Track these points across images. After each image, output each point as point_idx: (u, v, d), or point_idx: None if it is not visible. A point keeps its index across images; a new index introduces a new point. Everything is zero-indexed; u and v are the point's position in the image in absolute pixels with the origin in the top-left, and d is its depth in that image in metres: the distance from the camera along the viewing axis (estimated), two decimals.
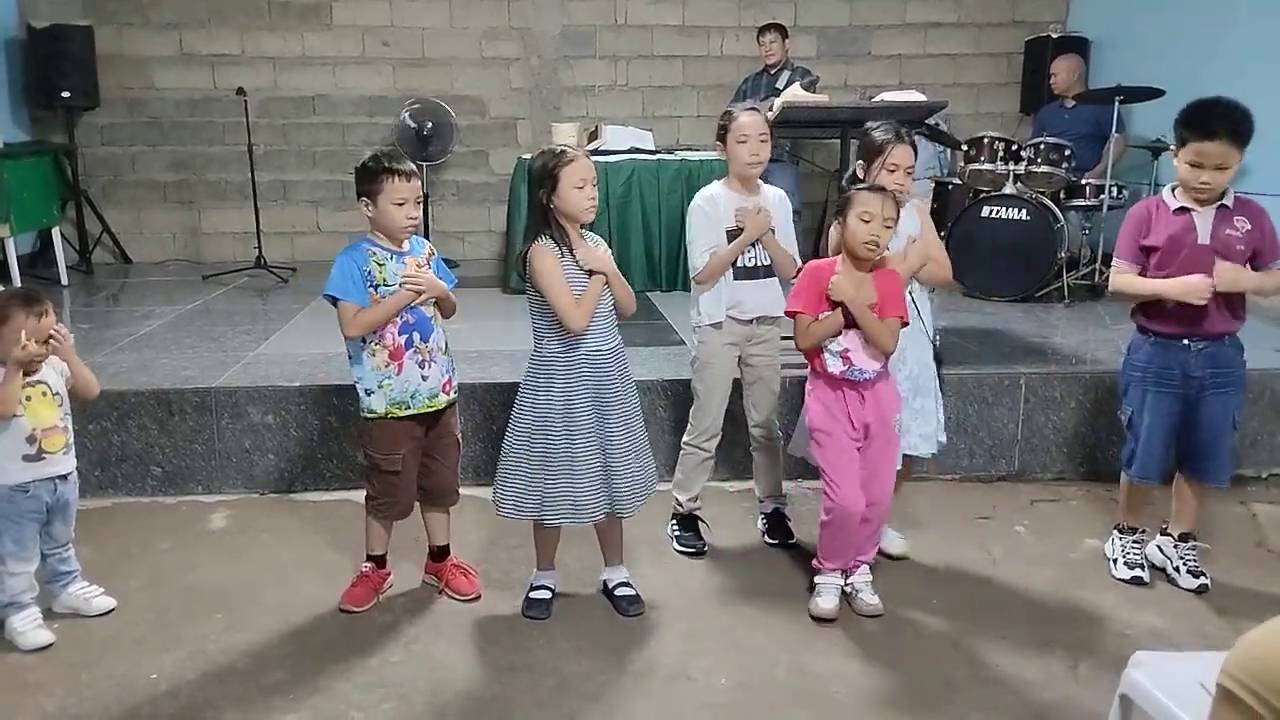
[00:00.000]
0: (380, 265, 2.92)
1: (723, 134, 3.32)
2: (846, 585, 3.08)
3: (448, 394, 3.06)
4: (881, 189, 2.94)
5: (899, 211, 2.95)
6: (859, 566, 3.08)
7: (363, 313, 2.89)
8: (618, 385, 2.94)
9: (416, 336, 2.95)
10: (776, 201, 3.37)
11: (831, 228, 3.04)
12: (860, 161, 3.20)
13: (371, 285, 2.90)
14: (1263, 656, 1.06)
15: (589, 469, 2.89)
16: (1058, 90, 6.66)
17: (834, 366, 2.94)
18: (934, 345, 3.31)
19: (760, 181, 3.38)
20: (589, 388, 2.89)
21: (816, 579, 3.07)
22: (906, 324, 3.00)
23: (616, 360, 2.96)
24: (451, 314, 3.11)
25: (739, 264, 3.32)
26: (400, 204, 2.89)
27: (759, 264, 3.33)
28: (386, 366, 2.93)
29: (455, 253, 7.40)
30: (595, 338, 2.90)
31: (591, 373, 2.89)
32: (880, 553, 3.37)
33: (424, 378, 2.97)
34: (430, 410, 3.01)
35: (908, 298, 3.08)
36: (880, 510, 3.06)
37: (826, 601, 3.02)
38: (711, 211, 3.31)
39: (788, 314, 3.06)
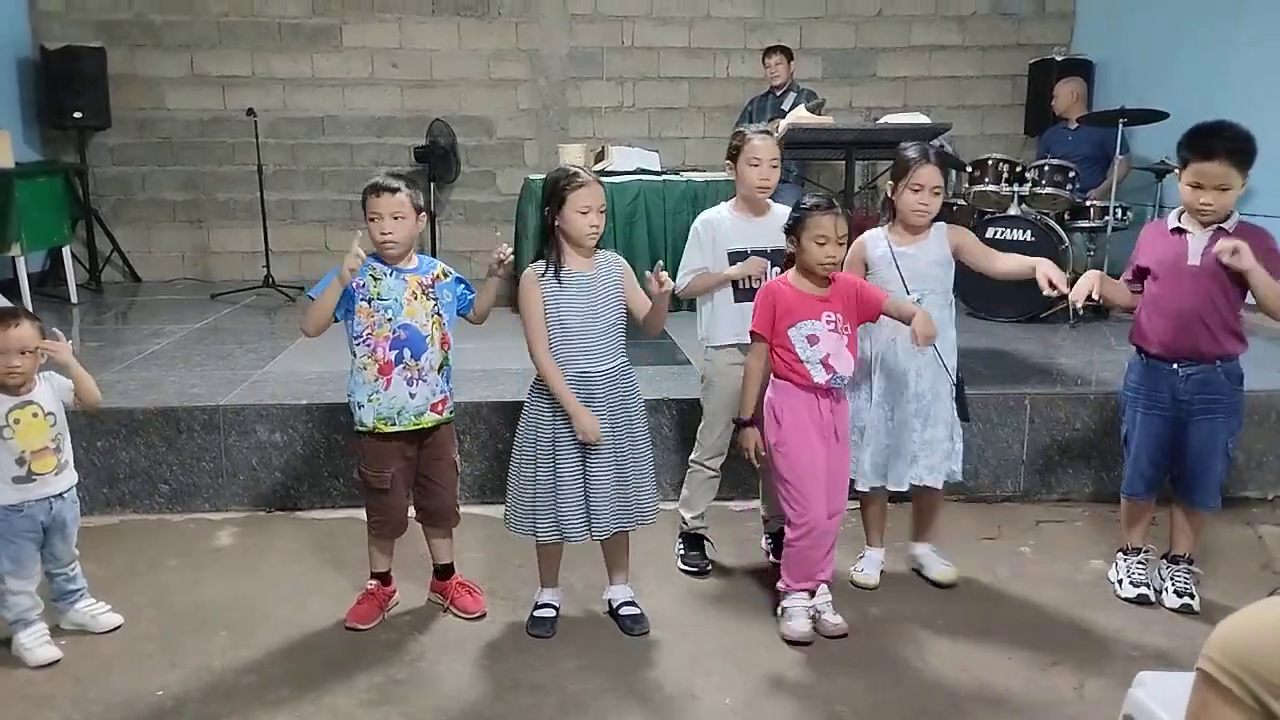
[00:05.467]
0: (376, 280, 2.94)
1: (734, 154, 3.31)
2: (809, 608, 3.03)
3: (439, 414, 3.04)
4: (833, 207, 2.93)
5: (850, 225, 2.99)
6: (818, 587, 3.03)
7: (311, 305, 2.93)
8: (606, 408, 2.91)
9: (407, 353, 2.96)
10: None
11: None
12: (890, 181, 3.25)
13: (365, 300, 2.93)
14: (1244, 640, 1.07)
15: (571, 488, 2.90)
16: (1059, 112, 6.71)
17: (819, 376, 2.94)
18: (956, 383, 3.27)
19: (771, 202, 3.39)
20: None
21: (785, 602, 3.03)
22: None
23: (609, 383, 2.93)
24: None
25: (741, 285, 3.31)
26: (373, 220, 2.94)
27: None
28: (375, 380, 2.95)
29: (462, 272, 7.38)
30: (580, 360, 2.90)
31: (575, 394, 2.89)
32: (927, 580, 3.37)
33: (411, 395, 2.97)
34: (418, 428, 3.01)
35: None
36: (839, 521, 3.05)
37: (800, 625, 2.98)
38: (706, 234, 3.34)
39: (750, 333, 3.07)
